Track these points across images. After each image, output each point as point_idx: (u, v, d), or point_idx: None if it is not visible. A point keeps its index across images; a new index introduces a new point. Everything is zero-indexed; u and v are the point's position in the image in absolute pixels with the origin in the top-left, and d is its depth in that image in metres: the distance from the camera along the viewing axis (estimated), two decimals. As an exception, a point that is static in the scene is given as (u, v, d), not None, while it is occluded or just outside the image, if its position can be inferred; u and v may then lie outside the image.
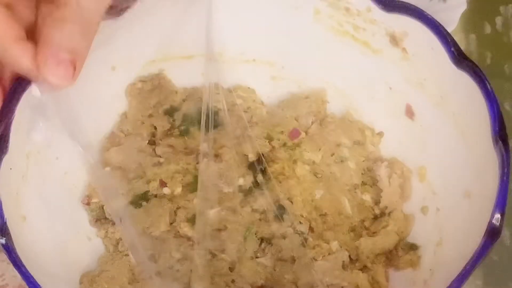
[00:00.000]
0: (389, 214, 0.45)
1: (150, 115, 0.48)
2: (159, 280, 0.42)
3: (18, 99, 0.38)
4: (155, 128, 0.48)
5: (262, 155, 0.45)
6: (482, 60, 0.53)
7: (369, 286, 0.43)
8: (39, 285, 0.34)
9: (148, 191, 0.45)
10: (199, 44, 0.45)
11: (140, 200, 0.45)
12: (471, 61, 0.38)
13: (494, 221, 0.34)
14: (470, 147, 0.40)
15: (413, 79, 0.43)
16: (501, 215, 0.34)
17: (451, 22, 0.49)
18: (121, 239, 0.44)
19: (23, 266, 0.34)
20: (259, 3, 0.46)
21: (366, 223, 0.45)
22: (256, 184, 0.45)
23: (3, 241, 0.34)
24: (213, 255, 0.43)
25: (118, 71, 0.45)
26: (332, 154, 0.47)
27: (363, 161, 0.47)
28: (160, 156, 0.47)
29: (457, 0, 0.51)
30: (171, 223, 0.44)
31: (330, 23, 0.45)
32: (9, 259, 0.34)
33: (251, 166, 0.45)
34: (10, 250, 0.34)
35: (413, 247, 0.44)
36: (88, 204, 0.45)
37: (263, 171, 0.45)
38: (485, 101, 0.37)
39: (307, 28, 0.46)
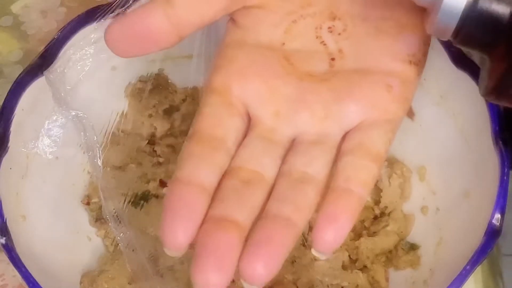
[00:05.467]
0: (389, 214, 0.45)
1: (150, 115, 0.48)
2: (159, 280, 0.42)
3: (18, 99, 0.38)
4: (155, 128, 0.48)
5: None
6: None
7: (369, 286, 0.43)
8: (39, 285, 0.34)
9: (148, 191, 0.45)
10: (199, 44, 0.45)
11: (140, 200, 0.45)
12: (471, 61, 0.38)
13: (494, 221, 0.34)
14: (470, 147, 0.40)
15: (413, 79, 0.43)
16: (501, 215, 0.34)
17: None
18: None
19: (23, 266, 0.34)
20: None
21: (366, 223, 0.45)
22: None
23: (3, 241, 0.35)
24: (213, 255, 0.43)
25: (118, 71, 0.45)
26: (332, 154, 0.46)
27: (363, 161, 0.47)
28: (160, 156, 0.47)
29: None
30: (171, 223, 0.44)
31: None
32: (9, 259, 0.34)
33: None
34: (10, 250, 0.34)
35: (413, 247, 0.44)
36: (88, 204, 0.45)
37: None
38: (485, 101, 0.37)
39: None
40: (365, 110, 0.31)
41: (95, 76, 0.43)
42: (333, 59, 0.32)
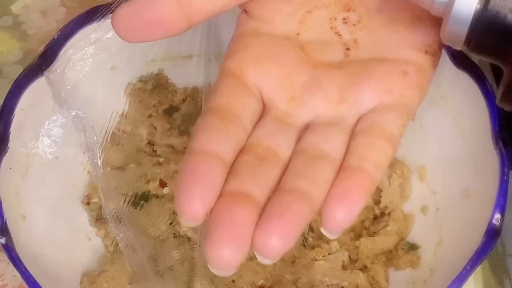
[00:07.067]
0: (389, 214, 0.45)
1: (150, 115, 0.48)
2: (159, 280, 0.42)
3: (18, 99, 0.38)
4: (155, 128, 0.48)
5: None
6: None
7: (369, 286, 0.43)
8: (39, 285, 0.34)
9: (148, 191, 0.45)
10: (199, 44, 0.45)
11: (140, 200, 0.45)
12: (471, 61, 0.38)
13: (494, 221, 0.34)
14: (470, 147, 0.40)
15: (413, 79, 0.43)
16: (501, 215, 0.34)
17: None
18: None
19: (23, 266, 0.34)
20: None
21: (366, 223, 0.45)
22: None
23: (3, 241, 0.35)
24: (213, 255, 0.43)
25: (118, 71, 0.45)
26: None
27: (363, 161, 0.47)
28: (160, 156, 0.47)
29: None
30: (170, 223, 0.44)
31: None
32: (9, 259, 0.34)
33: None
34: (10, 250, 0.34)
35: (413, 247, 0.44)
36: (88, 204, 0.45)
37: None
38: (485, 101, 0.37)
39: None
40: (380, 95, 0.30)
41: (95, 76, 0.43)
42: (348, 49, 0.32)
